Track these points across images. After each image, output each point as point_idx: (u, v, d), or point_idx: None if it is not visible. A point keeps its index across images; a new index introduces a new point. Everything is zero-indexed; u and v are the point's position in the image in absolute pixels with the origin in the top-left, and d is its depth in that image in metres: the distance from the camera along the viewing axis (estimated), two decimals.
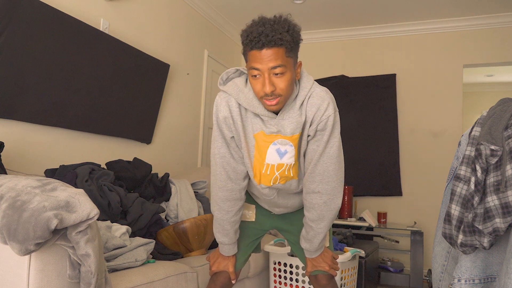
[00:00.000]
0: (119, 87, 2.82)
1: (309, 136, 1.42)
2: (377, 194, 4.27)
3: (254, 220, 1.69)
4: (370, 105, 4.35)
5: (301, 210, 1.67)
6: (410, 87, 4.30)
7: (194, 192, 2.78)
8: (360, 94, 4.39)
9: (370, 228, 3.78)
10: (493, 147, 1.26)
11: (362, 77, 4.42)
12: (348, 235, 3.17)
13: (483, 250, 1.35)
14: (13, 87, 2.11)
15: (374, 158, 4.28)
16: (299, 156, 1.47)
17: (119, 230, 1.88)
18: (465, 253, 1.33)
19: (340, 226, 3.76)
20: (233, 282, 1.66)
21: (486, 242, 1.24)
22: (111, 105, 2.76)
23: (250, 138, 1.43)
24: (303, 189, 1.51)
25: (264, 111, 1.37)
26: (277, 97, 1.30)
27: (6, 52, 2.05)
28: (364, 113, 4.36)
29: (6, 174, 1.75)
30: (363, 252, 2.66)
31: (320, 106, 1.37)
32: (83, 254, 1.22)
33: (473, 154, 1.34)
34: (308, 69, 4.58)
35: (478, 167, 1.28)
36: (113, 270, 1.68)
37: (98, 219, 1.87)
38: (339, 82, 4.45)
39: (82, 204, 1.21)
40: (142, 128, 3.11)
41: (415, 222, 3.93)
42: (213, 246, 2.47)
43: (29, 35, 2.15)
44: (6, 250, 1.23)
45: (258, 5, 3.91)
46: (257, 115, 1.41)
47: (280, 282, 2.51)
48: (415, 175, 4.20)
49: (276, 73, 1.27)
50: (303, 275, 2.40)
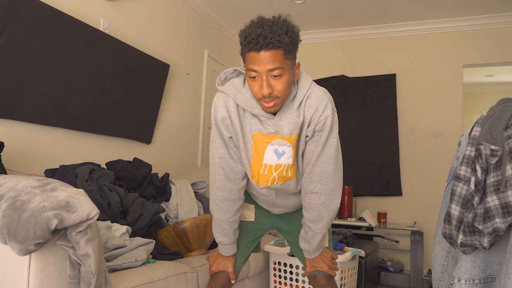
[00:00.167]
0: (119, 87, 2.82)
1: (307, 136, 1.42)
2: (377, 194, 4.27)
3: (253, 220, 1.69)
4: (370, 105, 4.35)
5: (300, 210, 1.66)
6: (410, 87, 4.30)
7: (194, 192, 2.78)
8: (360, 94, 4.39)
9: (370, 228, 3.78)
10: (493, 147, 1.26)
11: (362, 77, 4.42)
12: (348, 235, 3.17)
13: (483, 250, 1.35)
14: (13, 87, 2.11)
15: (374, 158, 4.28)
16: (297, 156, 1.47)
17: (119, 230, 1.88)
18: (465, 253, 1.33)
19: (340, 226, 3.76)
20: (232, 282, 1.66)
21: (486, 242, 1.24)
22: (111, 105, 2.76)
23: (248, 139, 1.43)
24: (302, 189, 1.51)
25: (262, 112, 1.37)
26: (274, 99, 1.30)
27: (6, 52, 2.06)
28: (364, 113, 4.36)
29: (6, 174, 1.75)
30: (363, 252, 2.66)
31: (318, 107, 1.37)
32: (83, 254, 1.22)
33: (473, 154, 1.34)
34: (308, 69, 4.59)
35: (478, 167, 1.28)
36: (113, 270, 1.68)
37: (98, 219, 1.88)
38: (339, 82, 4.45)
39: (82, 204, 1.21)
40: (142, 128, 3.11)
41: (415, 222, 3.93)
42: (213, 246, 2.47)
43: (29, 35, 2.15)
44: (6, 250, 1.23)
45: (258, 5, 3.91)
46: (255, 116, 1.41)
47: (280, 282, 2.51)
48: (415, 175, 4.20)
49: (274, 75, 1.27)
50: (303, 275, 2.40)
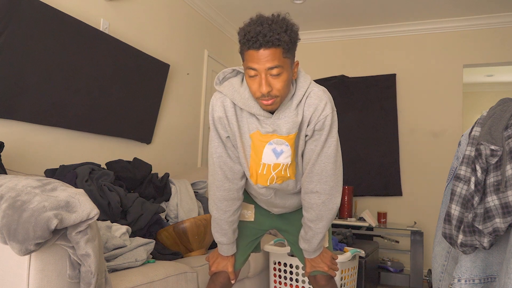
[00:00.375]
0: (119, 87, 2.82)
1: (306, 136, 1.42)
2: (377, 194, 4.27)
3: (253, 220, 1.69)
4: (370, 105, 4.35)
5: (300, 210, 1.66)
6: (410, 87, 4.30)
7: (194, 192, 2.78)
8: (360, 94, 4.39)
9: (370, 228, 3.78)
10: (493, 147, 1.26)
11: (362, 77, 4.42)
12: (348, 235, 3.17)
13: (483, 250, 1.35)
14: (13, 87, 2.11)
15: (374, 158, 4.28)
16: (297, 156, 1.46)
17: (119, 230, 1.88)
18: (465, 253, 1.33)
19: (340, 226, 3.76)
20: (232, 282, 1.66)
21: (486, 242, 1.24)
22: (111, 105, 2.76)
23: (246, 138, 1.43)
24: (301, 189, 1.50)
25: (260, 111, 1.37)
26: (273, 97, 1.30)
27: (6, 52, 2.05)
28: (364, 113, 4.36)
29: (6, 174, 1.75)
30: (363, 252, 2.66)
31: (317, 106, 1.37)
32: (83, 254, 1.22)
33: (473, 154, 1.34)
34: (308, 69, 4.58)
35: (478, 167, 1.28)
36: (113, 270, 1.68)
37: (98, 219, 1.87)
38: (339, 82, 4.45)
39: (82, 204, 1.21)
40: (142, 128, 3.11)
41: (415, 222, 3.93)
42: (213, 246, 2.47)
43: (29, 35, 2.15)
44: (6, 250, 1.23)
45: (258, 5, 3.91)
46: (252, 115, 1.40)
47: (280, 282, 2.51)
48: (415, 175, 4.20)
49: (273, 73, 1.26)
50: (303, 275, 2.40)
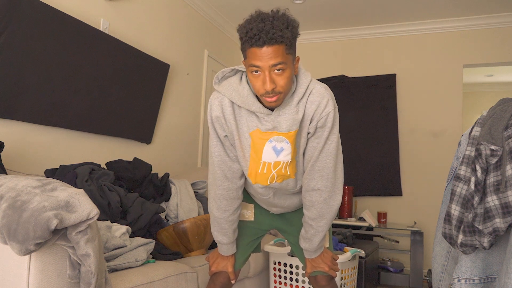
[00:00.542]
0: (119, 87, 2.82)
1: (309, 133, 1.42)
2: (377, 194, 4.27)
3: (253, 219, 1.69)
4: (370, 105, 4.35)
5: (300, 210, 1.66)
6: (410, 87, 4.30)
7: (194, 192, 2.78)
8: (360, 94, 4.39)
9: (370, 228, 3.78)
10: (493, 147, 1.26)
11: (362, 77, 4.42)
12: (348, 235, 3.17)
13: (483, 250, 1.35)
14: (13, 87, 2.11)
15: (374, 158, 4.28)
16: (298, 154, 1.46)
17: (119, 230, 1.88)
18: (465, 253, 1.33)
19: (340, 226, 3.76)
20: (232, 282, 1.66)
21: (486, 242, 1.24)
22: (111, 105, 2.76)
23: (245, 137, 1.42)
24: (303, 187, 1.50)
25: (259, 108, 1.36)
26: (277, 94, 1.29)
27: (6, 52, 2.05)
28: (364, 113, 4.36)
29: (6, 174, 1.75)
30: (363, 252, 2.66)
31: (320, 103, 1.37)
32: (83, 254, 1.22)
33: (473, 154, 1.34)
34: (308, 69, 4.56)
35: (478, 167, 1.28)
36: (113, 270, 1.68)
37: (98, 219, 1.87)
38: (339, 82, 4.45)
39: (82, 204, 1.21)
40: (142, 128, 3.11)
41: (415, 222, 3.93)
42: (213, 246, 2.47)
43: (29, 35, 2.15)
44: (6, 250, 1.23)
45: (258, 5, 3.91)
46: (252, 113, 1.39)
47: (280, 282, 2.51)
48: (415, 175, 4.20)
49: (277, 69, 1.26)
50: (303, 275, 2.40)
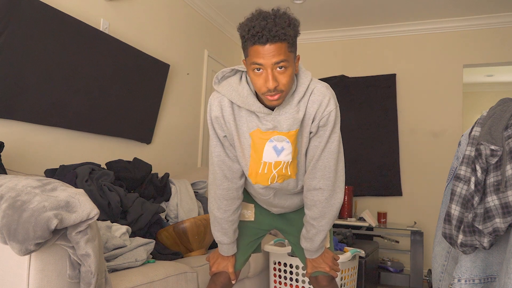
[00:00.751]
0: (119, 87, 2.82)
1: (311, 133, 1.41)
2: (377, 194, 4.27)
3: (253, 219, 1.68)
4: (370, 105, 4.35)
5: (300, 210, 1.66)
6: (410, 87, 4.30)
7: (194, 192, 2.78)
8: (360, 94, 4.39)
9: (370, 228, 3.78)
10: (493, 147, 1.26)
11: (362, 77, 4.42)
12: (348, 235, 3.17)
13: (483, 250, 1.35)
14: (13, 87, 2.11)
15: (374, 158, 4.28)
16: (299, 154, 1.45)
17: (119, 230, 1.88)
18: (465, 253, 1.33)
19: (340, 226, 3.76)
20: (233, 282, 1.66)
21: (486, 242, 1.24)
22: (111, 105, 2.76)
23: (245, 137, 1.42)
24: (304, 186, 1.49)
25: (259, 108, 1.35)
26: (279, 92, 1.28)
27: (6, 52, 2.05)
28: (364, 113, 4.36)
29: (6, 174, 1.75)
30: (363, 252, 2.66)
31: (321, 102, 1.36)
32: (83, 254, 1.22)
33: (473, 154, 1.34)
34: (308, 69, 4.56)
35: (478, 167, 1.28)
36: (113, 270, 1.68)
37: (98, 219, 1.87)
38: (339, 82, 4.45)
39: (82, 204, 1.21)
40: (142, 128, 3.11)
41: (415, 222, 3.93)
42: (213, 246, 2.47)
43: (29, 35, 2.15)
44: (6, 250, 1.23)
45: (258, 5, 3.88)
46: (252, 113, 1.39)
47: (280, 282, 2.51)
48: (415, 175, 4.20)
49: (279, 67, 1.25)
50: (303, 275, 2.40)
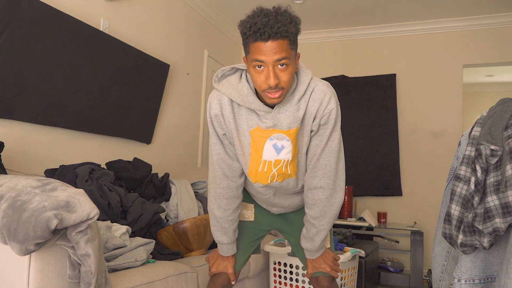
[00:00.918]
0: (119, 87, 2.82)
1: (312, 131, 1.41)
2: (377, 194, 4.27)
3: (253, 219, 1.68)
4: (370, 105, 4.35)
5: (300, 210, 1.65)
6: (410, 87, 4.30)
7: (194, 192, 2.78)
8: (360, 94, 4.39)
9: (370, 228, 3.78)
10: (493, 147, 1.26)
11: (362, 77, 4.42)
12: (348, 235, 3.17)
13: (483, 250, 1.35)
14: (13, 87, 2.11)
15: (374, 158, 4.28)
16: (300, 153, 1.44)
17: (119, 230, 1.88)
18: (465, 253, 1.33)
19: (340, 226, 3.76)
20: (232, 283, 1.65)
21: (486, 242, 1.24)
22: (111, 105, 2.76)
23: (245, 136, 1.41)
24: (305, 185, 1.49)
25: (259, 106, 1.35)
26: (280, 90, 1.28)
27: (6, 52, 2.05)
28: (364, 113, 4.36)
29: (6, 174, 1.75)
30: (363, 252, 2.66)
31: (322, 100, 1.36)
32: (83, 254, 1.22)
33: (473, 154, 1.34)
34: (308, 69, 4.58)
35: (478, 167, 1.28)
36: (113, 270, 1.68)
37: (98, 219, 1.87)
38: (339, 82, 4.45)
39: (82, 204, 1.21)
40: (142, 128, 3.11)
41: (415, 222, 3.93)
42: (213, 246, 2.47)
43: (29, 35, 2.15)
44: (6, 250, 1.23)
45: (259, 4, 3.90)
46: (252, 111, 1.38)
47: (280, 282, 2.51)
48: (415, 175, 4.20)
49: (281, 64, 1.25)
50: (303, 275, 2.40)
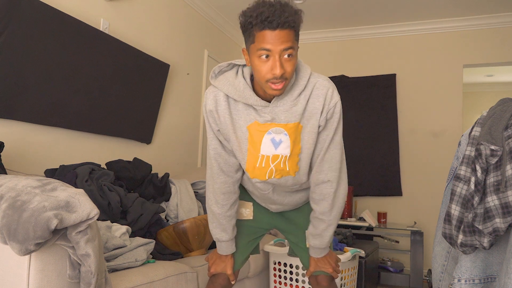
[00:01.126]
0: (119, 87, 2.82)
1: (320, 127, 1.41)
2: (377, 194, 4.27)
3: (252, 218, 1.67)
4: (370, 105, 4.35)
5: (300, 208, 1.65)
6: (410, 87, 4.30)
7: (194, 192, 2.78)
8: (360, 94, 4.39)
9: (370, 228, 3.78)
10: (493, 147, 1.26)
11: (362, 77, 4.42)
12: (348, 235, 3.17)
13: (483, 250, 1.35)
14: (13, 87, 2.11)
15: (374, 158, 4.28)
16: (302, 152, 1.43)
17: (119, 230, 1.88)
18: (465, 253, 1.33)
19: (340, 226, 3.75)
20: (232, 283, 1.65)
21: (486, 242, 1.24)
22: (111, 105, 2.76)
23: (242, 131, 1.40)
24: (311, 182, 1.48)
25: (257, 101, 1.34)
26: (284, 80, 1.27)
27: (6, 52, 2.05)
28: (364, 113, 4.36)
29: (6, 174, 1.75)
30: (363, 252, 2.66)
31: (326, 96, 1.37)
32: (83, 254, 1.22)
33: (473, 154, 1.34)
34: None
35: (478, 167, 1.28)
36: (113, 270, 1.68)
37: (98, 219, 1.88)
38: (339, 82, 4.45)
39: (82, 204, 1.21)
40: (142, 128, 3.11)
41: (415, 222, 3.93)
42: (213, 246, 2.47)
43: (29, 35, 2.15)
44: (6, 250, 1.23)
45: None
46: (249, 106, 1.38)
47: (280, 282, 2.51)
48: (415, 175, 4.20)
49: (287, 54, 1.24)
50: (303, 275, 2.40)
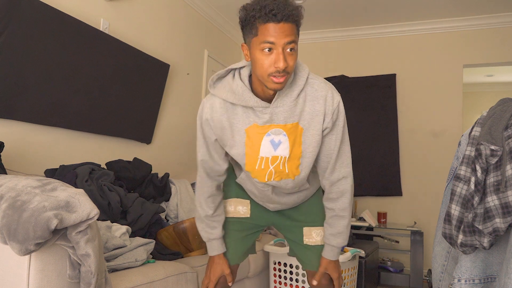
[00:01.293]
0: (119, 87, 2.82)
1: (326, 129, 1.40)
2: (377, 194, 4.27)
3: (249, 216, 1.66)
4: (370, 105, 4.35)
5: (298, 206, 1.64)
6: (410, 87, 4.30)
7: (194, 192, 2.78)
8: (360, 94, 4.39)
9: (370, 228, 3.78)
10: (493, 147, 1.26)
11: (362, 77, 4.42)
12: None
13: (483, 250, 1.35)
14: (13, 87, 2.11)
15: (374, 158, 4.28)
16: (303, 156, 1.42)
17: (119, 230, 1.88)
18: (465, 253, 1.33)
19: None
20: (229, 284, 1.62)
21: (486, 242, 1.24)
22: (111, 105, 2.76)
23: (240, 135, 1.40)
24: (326, 183, 1.49)
25: (257, 102, 1.34)
26: (285, 74, 1.26)
27: (6, 52, 2.06)
28: (364, 113, 4.36)
29: (6, 174, 1.75)
30: (363, 252, 2.66)
31: (326, 97, 1.36)
32: (83, 254, 1.22)
33: (473, 154, 1.34)
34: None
35: (478, 167, 1.28)
36: (113, 270, 1.68)
37: (98, 219, 1.88)
38: (339, 82, 4.45)
39: (82, 204, 1.21)
40: (142, 128, 3.11)
41: (415, 222, 3.94)
42: None
43: (29, 35, 2.15)
44: (6, 250, 1.23)
45: None
46: (248, 108, 1.37)
47: (280, 282, 2.51)
48: (415, 175, 4.20)
49: (290, 48, 1.24)
50: (303, 275, 2.40)
